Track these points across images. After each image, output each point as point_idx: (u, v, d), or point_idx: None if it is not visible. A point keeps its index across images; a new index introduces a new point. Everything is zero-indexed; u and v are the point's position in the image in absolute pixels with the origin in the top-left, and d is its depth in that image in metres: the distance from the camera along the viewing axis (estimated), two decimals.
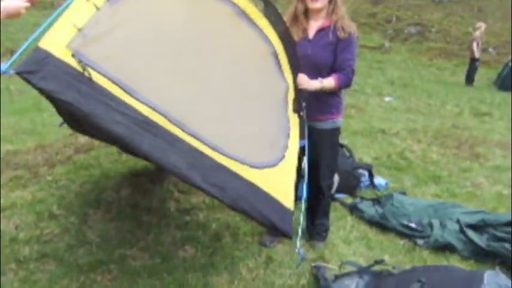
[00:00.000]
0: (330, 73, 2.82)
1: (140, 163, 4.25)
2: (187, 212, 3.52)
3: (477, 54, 12.31)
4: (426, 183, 4.44)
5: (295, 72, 2.60)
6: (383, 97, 9.60)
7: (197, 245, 3.04)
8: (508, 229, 3.01)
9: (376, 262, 2.50)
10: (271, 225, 2.13)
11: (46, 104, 7.14)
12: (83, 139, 4.88)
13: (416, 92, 10.74)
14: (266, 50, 2.49)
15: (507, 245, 2.83)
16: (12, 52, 9.60)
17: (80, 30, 1.88)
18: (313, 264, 2.77)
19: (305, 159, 2.89)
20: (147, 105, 1.93)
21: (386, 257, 2.92)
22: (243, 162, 2.13)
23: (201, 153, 2.02)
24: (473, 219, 3.21)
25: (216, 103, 2.20)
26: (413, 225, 3.24)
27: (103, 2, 2.01)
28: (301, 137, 2.55)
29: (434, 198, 4.03)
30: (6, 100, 7.53)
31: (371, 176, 4.21)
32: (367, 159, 5.00)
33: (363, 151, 5.35)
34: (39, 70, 1.72)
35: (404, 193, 3.94)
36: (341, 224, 3.43)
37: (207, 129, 2.08)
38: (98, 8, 1.97)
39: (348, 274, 2.49)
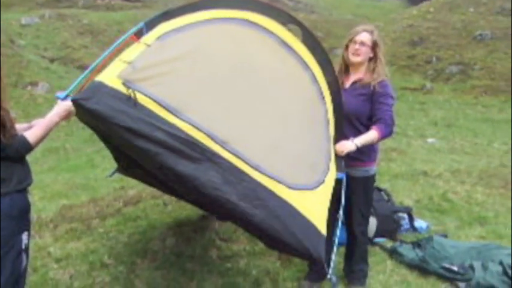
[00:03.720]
0: (362, 122, 2.94)
1: (184, 213, 4.46)
2: (228, 259, 3.63)
3: None
4: (471, 225, 4.33)
5: (335, 96, 2.69)
6: (426, 138, 9.47)
7: None
8: None
9: None
10: (303, 248, 2.09)
11: (99, 160, 7.68)
12: (131, 192, 5.20)
13: (461, 131, 10.49)
14: (305, 75, 2.61)
15: None
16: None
17: (129, 63, 2.14)
18: None
19: (342, 201, 2.96)
20: (189, 123, 2.06)
21: None
22: (281, 182, 2.15)
23: (240, 171, 2.07)
24: None
25: (258, 124, 2.29)
26: (455, 268, 3.18)
27: (153, 40, 2.27)
28: (338, 169, 2.59)
29: (479, 240, 3.92)
30: (63, 158, 8.15)
31: (411, 219, 4.18)
32: (409, 202, 4.93)
33: (404, 194, 5.30)
34: (93, 97, 1.98)
35: (445, 235, 3.87)
36: (380, 268, 3.42)
37: (249, 148, 2.15)
38: (148, 45, 2.23)
39: None
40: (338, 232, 2.55)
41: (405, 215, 4.21)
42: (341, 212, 2.65)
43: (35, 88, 10.94)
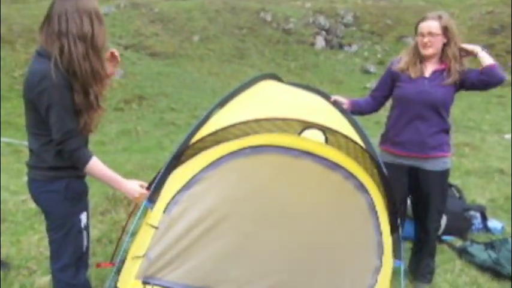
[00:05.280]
0: (447, 110, 2.85)
1: None
2: None
3: None
4: None
5: (385, 180, 2.38)
6: (503, 134, 8.86)
7: None
8: None
9: None
10: None
11: (167, 143, 8.00)
12: None
13: None
14: (335, 175, 2.34)
15: None
16: (140, 98, 10.95)
17: (143, 256, 2.15)
18: None
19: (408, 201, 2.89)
20: None
21: None
22: None
23: None
24: None
25: (292, 260, 2.22)
26: None
27: (159, 217, 2.21)
28: (396, 256, 2.40)
29: None
30: (134, 140, 8.59)
31: (484, 218, 3.96)
32: (481, 201, 4.67)
33: (476, 192, 5.02)
34: None
35: None
36: (448, 267, 3.28)
37: None
38: (155, 227, 2.20)
39: None
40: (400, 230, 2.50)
41: (477, 214, 3.99)
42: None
43: None
